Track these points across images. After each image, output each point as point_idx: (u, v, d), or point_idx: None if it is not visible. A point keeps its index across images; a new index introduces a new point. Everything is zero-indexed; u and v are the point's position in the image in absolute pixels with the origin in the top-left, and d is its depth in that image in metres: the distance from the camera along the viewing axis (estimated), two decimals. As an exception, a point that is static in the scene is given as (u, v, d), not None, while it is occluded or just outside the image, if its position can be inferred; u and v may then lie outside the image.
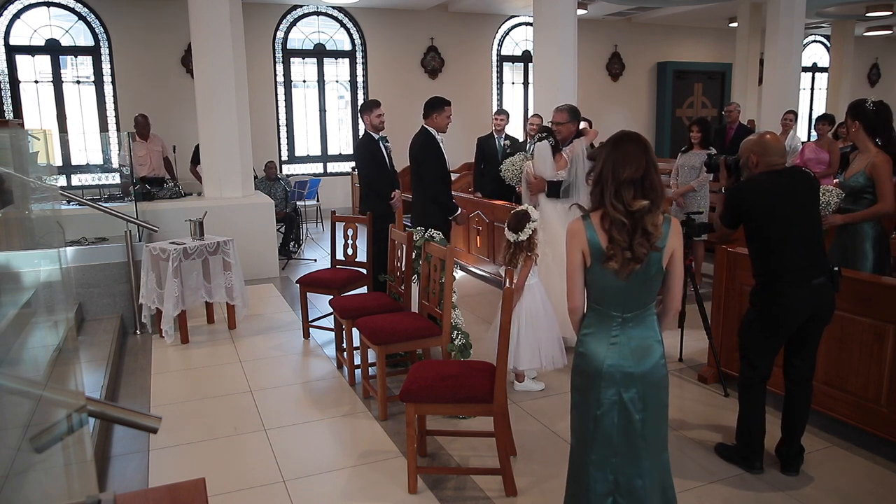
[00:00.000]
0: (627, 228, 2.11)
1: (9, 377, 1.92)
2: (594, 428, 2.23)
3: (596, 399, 2.22)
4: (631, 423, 2.22)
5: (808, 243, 2.90)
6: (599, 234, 2.15)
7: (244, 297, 5.42)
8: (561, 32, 7.62)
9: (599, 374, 2.21)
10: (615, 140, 2.21)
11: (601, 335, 2.23)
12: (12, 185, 2.83)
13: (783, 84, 9.42)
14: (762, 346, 3.03)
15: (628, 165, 2.11)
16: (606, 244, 2.13)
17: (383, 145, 5.44)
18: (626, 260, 2.11)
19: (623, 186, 2.11)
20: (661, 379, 2.25)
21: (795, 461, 3.14)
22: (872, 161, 3.66)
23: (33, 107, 9.86)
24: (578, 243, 2.19)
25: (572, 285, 2.25)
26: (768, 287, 2.95)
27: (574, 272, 2.23)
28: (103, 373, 4.13)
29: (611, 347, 2.21)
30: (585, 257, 2.19)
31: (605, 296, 2.22)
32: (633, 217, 2.11)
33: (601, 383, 2.21)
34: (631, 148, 2.15)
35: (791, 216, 2.89)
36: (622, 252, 2.11)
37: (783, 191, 2.91)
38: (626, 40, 13.36)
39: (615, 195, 2.12)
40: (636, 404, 2.21)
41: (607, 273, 2.15)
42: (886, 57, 16.23)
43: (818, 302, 2.91)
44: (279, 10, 10.88)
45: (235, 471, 3.27)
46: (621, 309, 2.22)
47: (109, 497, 1.44)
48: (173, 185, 7.43)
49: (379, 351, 3.68)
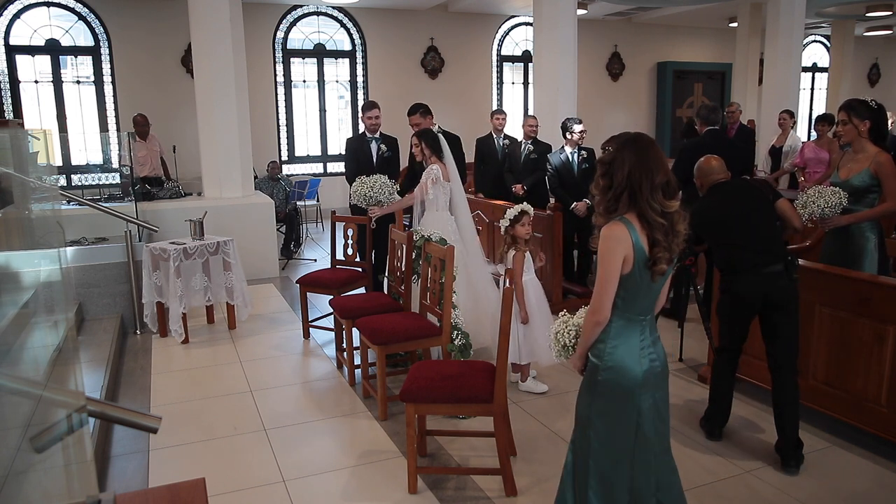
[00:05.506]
0: (665, 229, 2.11)
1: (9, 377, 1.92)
2: (635, 437, 2.20)
3: (635, 409, 2.18)
4: (663, 422, 2.25)
5: (759, 236, 3.20)
6: (642, 238, 2.11)
7: (245, 297, 5.41)
8: (561, 32, 7.62)
9: (637, 382, 2.17)
10: (635, 142, 2.15)
11: (631, 343, 2.19)
12: (12, 185, 2.83)
13: (783, 84, 9.41)
14: (725, 326, 3.36)
15: (659, 169, 2.11)
16: (650, 247, 2.11)
17: (378, 146, 5.57)
18: (668, 261, 2.12)
19: (656, 190, 2.10)
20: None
21: (794, 456, 3.14)
22: (877, 160, 3.65)
23: (33, 107, 9.86)
24: (623, 248, 2.10)
25: (606, 295, 2.14)
26: (726, 275, 3.32)
27: (613, 279, 2.12)
28: (103, 373, 4.13)
29: (642, 352, 2.19)
30: (626, 263, 2.11)
31: (637, 300, 2.17)
32: (668, 218, 2.11)
33: (639, 391, 2.17)
34: (654, 149, 2.15)
35: (739, 217, 3.25)
36: (665, 253, 2.11)
37: (727, 199, 3.33)
38: (626, 40, 13.35)
39: (651, 198, 2.09)
40: (665, 402, 2.26)
41: (645, 276, 2.13)
42: (886, 57, 16.22)
43: (770, 288, 3.16)
44: (279, 10, 10.88)
45: (235, 471, 3.27)
46: (649, 311, 2.23)
47: (109, 497, 1.45)
48: (173, 185, 7.43)
49: (379, 351, 3.68)
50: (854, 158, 3.79)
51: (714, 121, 5.51)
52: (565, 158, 6.03)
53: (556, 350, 2.42)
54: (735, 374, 3.46)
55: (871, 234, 3.76)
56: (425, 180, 4.55)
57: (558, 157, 6.06)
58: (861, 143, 3.72)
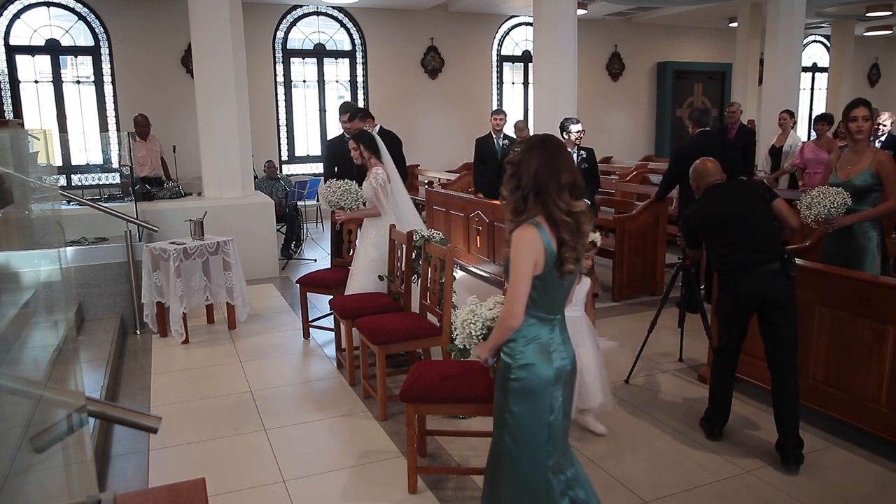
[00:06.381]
0: (571, 229, 2.14)
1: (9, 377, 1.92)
2: (548, 434, 2.24)
3: (549, 406, 2.22)
4: (568, 418, 2.32)
5: (755, 236, 3.23)
6: (551, 239, 2.14)
7: (244, 297, 5.42)
8: (561, 32, 7.62)
9: (550, 380, 2.21)
10: (543, 144, 2.19)
11: (543, 342, 2.22)
12: (12, 185, 2.84)
13: (783, 84, 9.41)
14: (725, 324, 3.38)
15: (565, 169, 2.15)
16: (557, 247, 2.14)
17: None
18: (575, 260, 2.16)
19: (562, 190, 2.14)
20: None
21: (793, 455, 3.14)
22: (878, 158, 3.66)
23: (33, 107, 9.86)
24: (534, 250, 2.12)
25: (521, 300, 2.16)
26: (723, 275, 3.34)
27: (526, 283, 2.14)
28: (103, 373, 4.13)
29: (554, 351, 2.23)
30: (538, 265, 2.14)
31: (547, 300, 2.21)
32: (575, 218, 2.15)
33: (553, 388, 2.22)
34: (561, 151, 2.19)
35: (735, 217, 3.28)
36: (572, 252, 2.14)
37: (723, 201, 3.36)
38: (626, 40, 13.35)
39: (558, 198, 2.13)
40: (570, 399, 2.33)
41: (555, 276, 2.16)
42: (886, 57, 16.22)
43: (768, 287, 3.18)
44: (279, 10, 10.88)
45: (235, 471, 3.27)
46: (559, 311, 2.27)
47: (109, 497, 1.45)
48: (173, 185, 7.43)
49: (379, 351, 3.68)
50: (853, 159, 3.79)
51: (705, 122, 5.61)
52: (565, 158, 6.02)
53: (460, 338, 2.47)
54: (735, 374, 3.47)
55: (874, 232, 3.77)
56: (375, 187, 4.50)
57: None
58: (863, 142, 3.73)
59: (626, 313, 5.76)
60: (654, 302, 5.83)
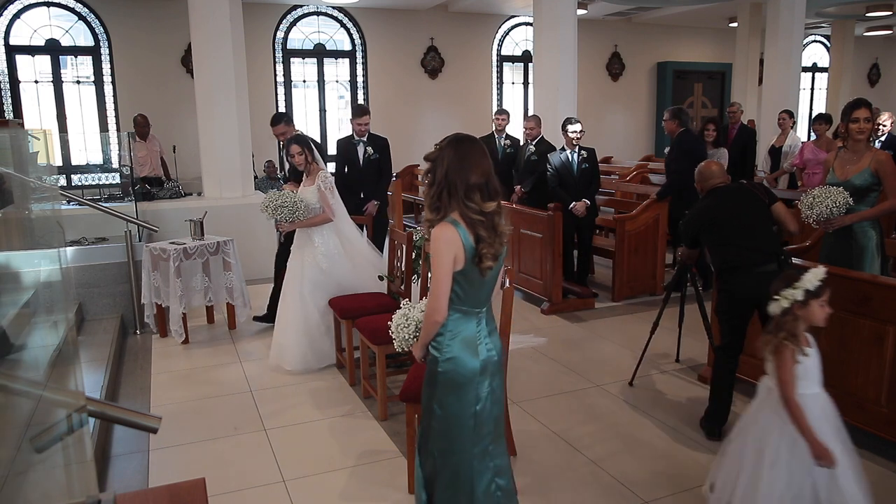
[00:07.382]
0: (486, 226, 2.17)
1: (9, 377, 1.92)
2: (474, 424, 2.29)
3: (475, 396, 2.28)
4: (499, 407, 2.35)
5: (754, 237, 3.31)
6: (469, 236, 2.17)
7: (245, 297, 5.42)
8: (561, 32, 7.62)
9: (475, 371, 2.27)
10: (456, 143, 2.21)
11: (468, 335, 2.28)
12: (12, 185, 2.83)
13: (783, 84, 9.41)
14: (725, 324, 3.46)
15: (475, 170, 2.17)
16: (475, 244, 2.17)
17: (364, 148, 5.81)
18: (493, 257, 2.19)
19: (471, 190, 2.16)
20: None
21: None
22: (877, 158, 3.66)
23: (33, 107, 9.85)
24: (453, 247, 2.16)
25: (443, 296, 2.20)
26: (723, 275, 3.42)
27: (447, 280, 2.18)
28: (103, 373, 4.13)
29: (479, 343, 2.29)
30: (458, 261, 2.18)
31: (471, 294, 2.25)
32: (488, 217, 2.18)
33: (478, 379, 2.27)
34: (475, 151, 2.21)
35: (735, 218, 3.36)
36: (490, 249, 2.18)
37: (724, 203, 3.44)
38: (626, 40, 13.35)
39: (466, 198, 2.16)
40: (501, 388, 2.39)
41: (475, 272, 2.20)
42: (886, 57, 16.22)
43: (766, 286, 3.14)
44: (279, 10, 10.88)
45: (235, 471, 3.27)
46: (484, 304, 2.32)
47: (109, 497, 1.45)
48: (173, 185, 7.43)
49: (379, 351, 3.69)
50: (852, 158, 3.79)
51: (685, 122, 5.92)
52: (565, 158, 6.03)
53: (396, 342, 2.53)
54: (735, 374, 3.49)
55: (873, 232, 3.77)
56: (325, 191, 4.39)
57: (558, 157, 6.07)
58: (863, 142, 3.73)
59: (627, 313, 5.76)
60: (654, 302, 5.83)
